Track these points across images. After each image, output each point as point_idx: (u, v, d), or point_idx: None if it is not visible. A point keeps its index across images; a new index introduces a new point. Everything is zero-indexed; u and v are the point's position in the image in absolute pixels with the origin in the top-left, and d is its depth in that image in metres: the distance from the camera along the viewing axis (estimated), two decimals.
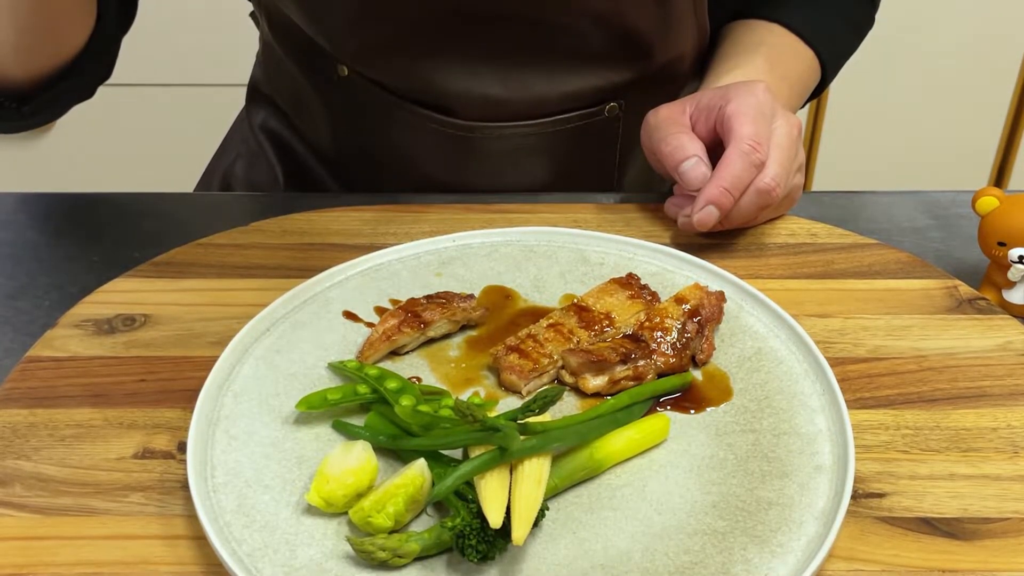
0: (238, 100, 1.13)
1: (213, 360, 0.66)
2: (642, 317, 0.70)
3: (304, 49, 0.92)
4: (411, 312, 0.69)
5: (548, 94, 0.88)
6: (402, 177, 0.95)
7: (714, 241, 0.80)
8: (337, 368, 0.67)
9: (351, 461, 0.57)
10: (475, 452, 0.57)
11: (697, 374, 0.68)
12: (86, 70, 0.78)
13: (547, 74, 0.87)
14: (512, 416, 0.59)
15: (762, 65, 0.86)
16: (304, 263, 0.77)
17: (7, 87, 0.74)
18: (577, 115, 0.90)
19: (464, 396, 0.67)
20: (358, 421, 0.63)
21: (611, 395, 0.66)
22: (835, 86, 1.01)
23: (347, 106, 0.93)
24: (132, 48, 0.88)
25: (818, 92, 0.96)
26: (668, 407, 0.66)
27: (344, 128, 0.95)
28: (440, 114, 0.89)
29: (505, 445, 0.56)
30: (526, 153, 0.91)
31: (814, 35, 0.91)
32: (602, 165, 0.95)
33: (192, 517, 0.57)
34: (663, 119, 0.79)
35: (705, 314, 0.70)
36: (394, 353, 0.70)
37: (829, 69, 0.93)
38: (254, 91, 1.07)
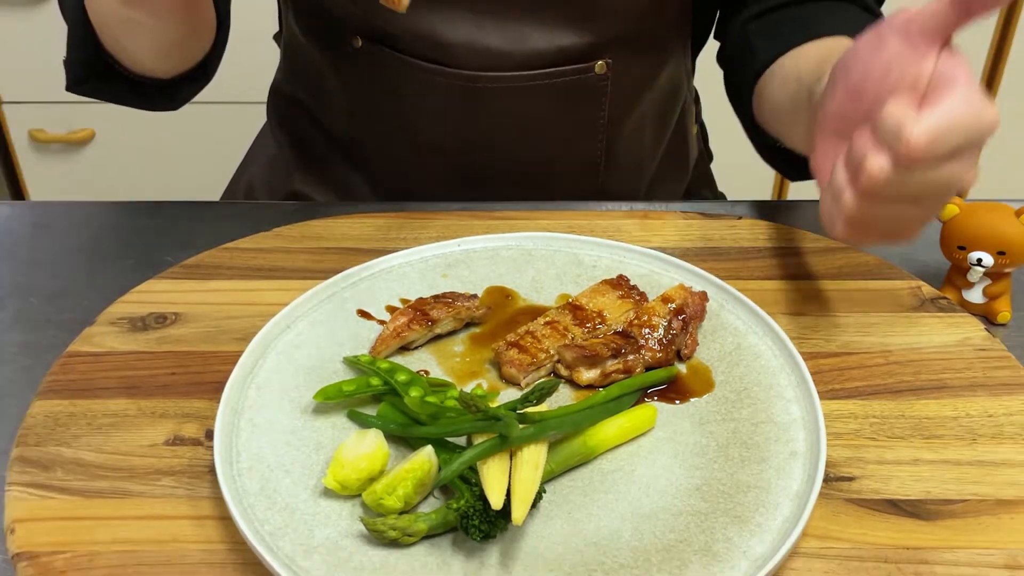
0: (260, 116, 1.13)
1: (238, 355, 0.66)
2: (631, 315, 0.70)
3: (323, 27, 0.94)
4: (419, 311, 0.69)
5: (544, 47, 0.89)
6: (411, 144, 0.95)
7: (697, 246, 0.80)
8: (351, 362, 0.67)
9: (364, 448, 0.57)
10: (478, 439, 0.57)
11: (682, 367, 0.68)
12: (214, 61, 0.87)
13: (542, 28, 0.88)
14: (512, 406, 0.59)
15: None
16: (321, 265, 0.77)
17: (153, 80, 0.84)
18: (570, 69, 0.90)
19: (468, 388, 0.67)
20: (371, 411, 0.63)
21: (603, 387, 0.66)
22: None
23: (362, 77, 0.94)
24: None
25: None
26: (655, 398, 0.66)
27: (359, 101, 0.96)
28: (446, 66, 0.89)
29: (506, 433, 0.56)
30: (524, 104, 0.91)
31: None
32: (592, 125, 0.94)
33: (219, 499, 0.57)
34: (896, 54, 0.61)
35: (689, 312, 0.70)
36: (404, 348, 0.70)
37: None
38: (275, 94, 1.09)
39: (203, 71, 0.87)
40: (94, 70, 0.82)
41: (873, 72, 0.62)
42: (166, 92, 0.86)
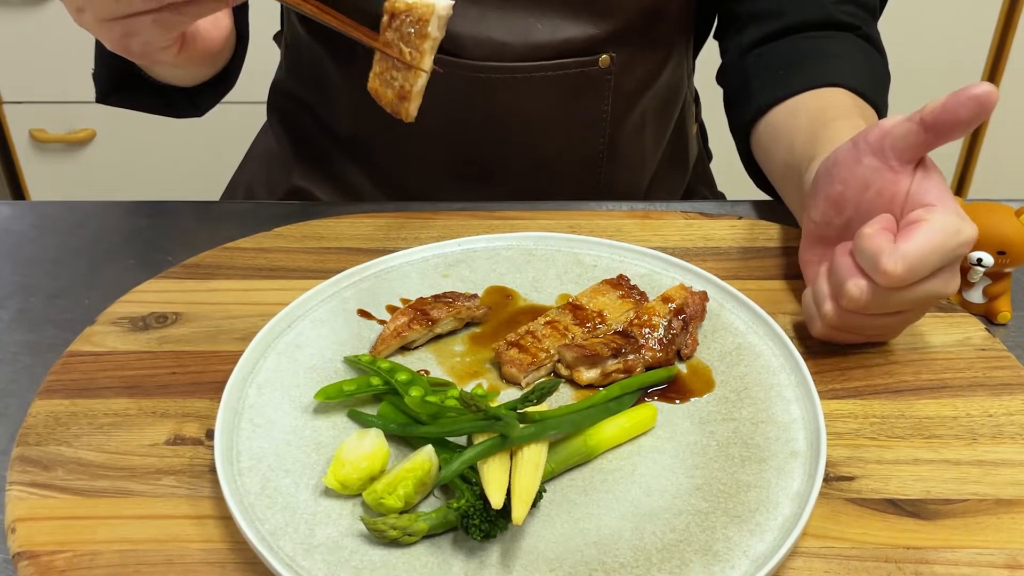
0: (260, 116, 1.14)
1: (239, 355, 0.66)
2: (632, 315, 0.70)
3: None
4: (420, 310, 0.70)
5: (548, 40, 0.89)
6: (414, 137, 0.95)
7: (698, 245, 0.80)
8: (352, 362, 0.67)
9: (365, 447, 0.57)
10: (478, 439, 0.57)
11: (682, 367, 0.68)
12: (235, 69, 0.89)
13: (546, 20, 0.89)
14: (512, 406, 0.59)
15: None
16: (322, 265, 0.77)
17: (178, 88, 0.86)
18: (574, 62, 0.90)
19: (468, 388, 0.67)
20: (371, 410, 0.63)
21: (603, 387, 0.66)
22: None
23: (365, 69, 0.94)
24: None
25: None
26: (655, 397, 0.66)
27: (362, 95, 0.96)
28: (450, 56, 0.89)
29: (506, 433, 0.56)
30: (528, 96, 0.91)
31: (874, 92, 0.84)
32: (595, 119, 0.95)
33: (219, 499, 0.58)
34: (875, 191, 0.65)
35: (689, 312, 0.70)
36: (404, 348, 0.70)
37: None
38: (275, 92, 1.09)
39: (225, 79, 0.89)
40: (122, 82, 0.84)
41: (852, 186, 0.66)
42: (192, 100, 0.89)
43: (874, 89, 0.83)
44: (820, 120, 0.77)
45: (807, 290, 0.70)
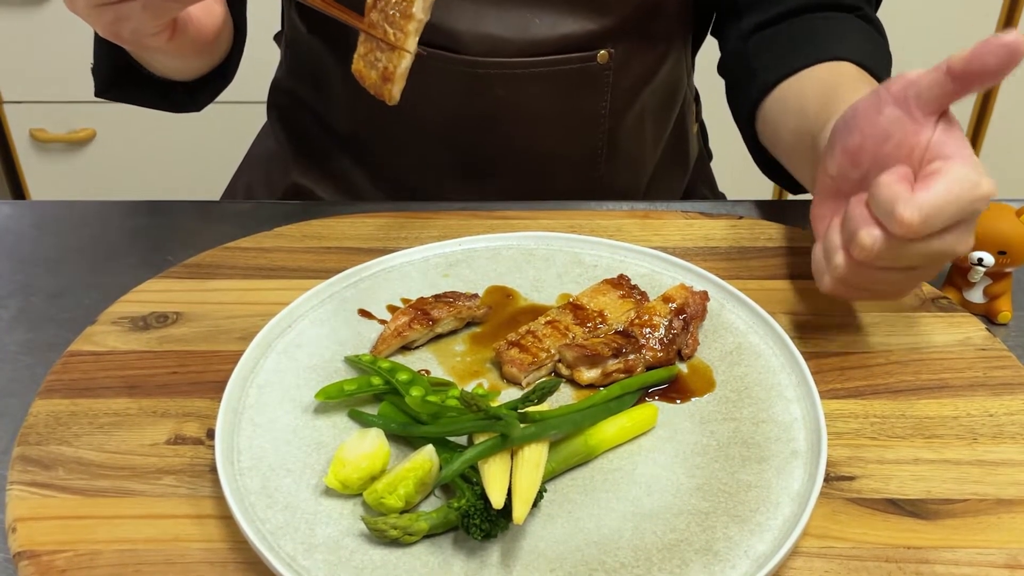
0: (260, 116, 1.14)
1: (239, 354, 0.66)
2: (632, 315, 0.70)
3: (327, 19, 0.94)
4: (420, 310, 0.70)
5: (546, 35, 0.89)
6: (413, 133, 0.95)
7: (698, 245, 0.81)
8: (353, 361, 0.67)
9: (366, 447, 0.57)
10: (479, 439, 0.57)
11: (683, 367, 0.68)
12: (233, 63, 0.90)
13: (543, 15, 0.88)
14: (513, 406, 0.59)
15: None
16: (323, 265, 0.77)
17: (177, 82, 0.87)
18: (572, 57, 0.90)
19: (469, 387, 0.67)
20: (372, 410, 0.63)
21: (604, 386, 0.66)
22: None
23: None
24: None
25: None
26: (656, 397, 0.66)
27: (362, 92, 0.96)
28: (449, 52, 0.89)
29: (507, 432, 0.56)
30: (527, 92, 0.91)
31: (880, 68, 0.83)
32: (594, 115, 0.95)
33: (220, 498, 0.58)
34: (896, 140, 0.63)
35: (690, 312, 0.70)
36: (405, 348, 0.70)
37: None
38: (275, 91, 1.09)
39: (223, 73, 0.89)
40: (120, 76, 0.84)
41: (871, 137, 0.64)
42: (191, 94, 0.89)
43: (880, 66, 0.82)
44: (832, 85, 0.76)
45: (816, 245, 0.68)
